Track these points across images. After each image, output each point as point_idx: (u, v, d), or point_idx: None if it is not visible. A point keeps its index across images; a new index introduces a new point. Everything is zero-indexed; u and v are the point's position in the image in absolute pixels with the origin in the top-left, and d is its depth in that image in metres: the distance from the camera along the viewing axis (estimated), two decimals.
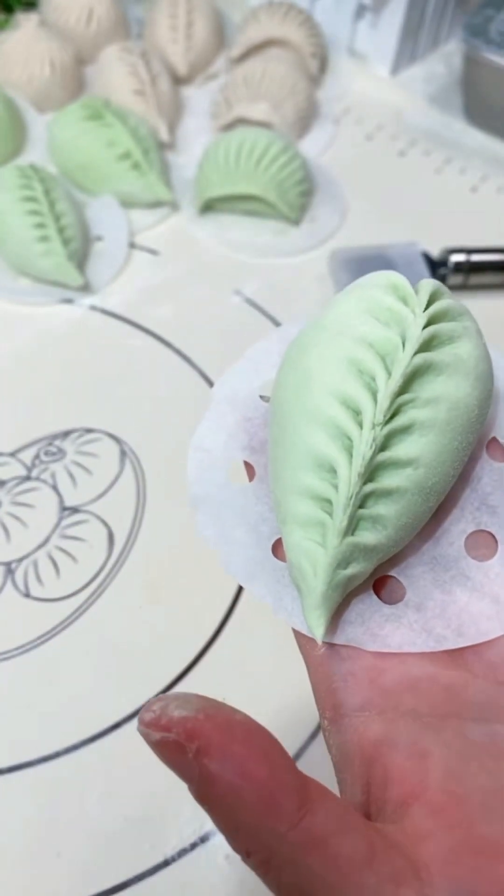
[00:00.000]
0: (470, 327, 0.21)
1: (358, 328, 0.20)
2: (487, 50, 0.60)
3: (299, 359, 0.20)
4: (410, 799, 0.16)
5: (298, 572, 0.19)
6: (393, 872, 0.15)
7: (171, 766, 0.16)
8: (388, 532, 0.19)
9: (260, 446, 0.22)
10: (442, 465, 0.19)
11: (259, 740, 0.16)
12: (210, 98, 0.65)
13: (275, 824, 0.15)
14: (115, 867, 0.33)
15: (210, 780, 0.15)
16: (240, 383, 0.23)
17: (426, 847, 0.16)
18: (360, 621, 0.20)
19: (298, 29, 0.64)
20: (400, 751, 0.17)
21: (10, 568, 0.41)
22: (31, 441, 0.45)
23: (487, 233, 0.58)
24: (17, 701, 0.37)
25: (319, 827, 0.15)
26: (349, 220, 0.58)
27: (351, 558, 0.19)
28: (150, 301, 0.52)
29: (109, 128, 0.55)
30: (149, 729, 0.16)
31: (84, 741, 0.36)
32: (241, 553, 0.21)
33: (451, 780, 0.17)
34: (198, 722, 0.15)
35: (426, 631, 0.20)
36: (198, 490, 0.22)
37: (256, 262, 0.55)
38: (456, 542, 0.21)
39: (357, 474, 0.19)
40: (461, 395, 0.20)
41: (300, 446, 0.20)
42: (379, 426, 0.19)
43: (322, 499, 0.19)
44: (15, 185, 0.50)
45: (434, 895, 0.15)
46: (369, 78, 0.70)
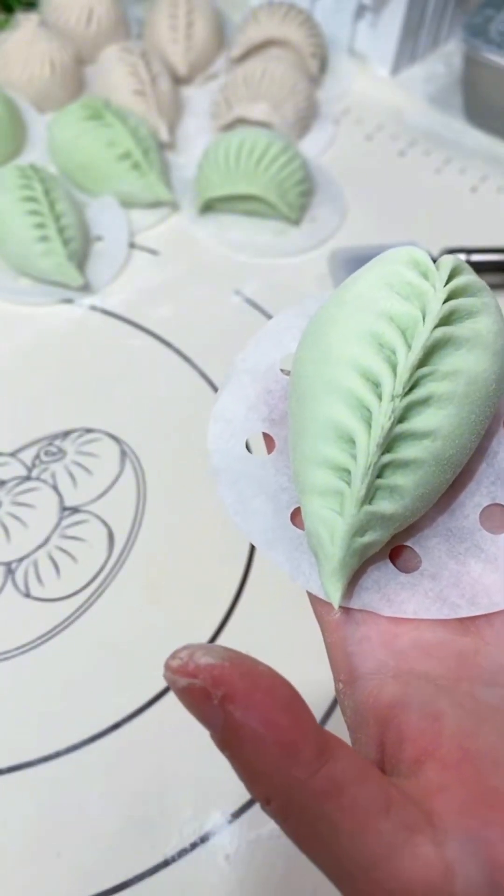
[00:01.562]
0: (489, 303, 0.21)
1: (378, 302, 0.20)
2: (487, 50, 0.60)
3: (320, 332, 0.21)
4: (424, 756, 0.17)
5: (316, 540, 0.20)
6: (408, 821, 0.16)
7: (196, 712, 0.16)
8: (404, 502, 0.20)
9: (280, 418, 0.23)
10: (459, 437, 0.20)
11: (282, 690, 0.16)
12: (210, 98, 0.65)
13: (295, 771, 0.15)
14: (115, 867, 0.33)
15: (234, 727, 0.16)
16: (261, 356, 0.23)
17: (440, 799, 0.16)
18: (376, 588, 0.21)
19: (298, 29, 0.64)
20: (414, 711, 0.18)
21: (11, 568, 0.41)
22: (31, 441, 0.45)
23: (487, 233, 0.58)
24: (17, 701, 0.37)
25: (338, 775, 0.16)
26: (349, 220, 0.58)
27: (368, 526, 0.19)
28: (150, 301, 0.52)
29: (109, 128, 0.55)
30: (176, 675, 0.16)
31: (84, 741, 0.36)
32: (260, 522, 0.22)
33: (464, 739, 0.17)
34: (224, 669, 0.16)
35: (440, 599, 0.20)
36: (218, 460, 0.22)
37: (256, 262, 0.55)
38: (471, 514, 0.21)
39: (376, 444, 0.19)
40: (480, 370, 0.20)
41: (320, 417, 0.20)
42: (398, 398, 0.19)
43: (341, 468, 0.20)
44: (15, 185, 0.50)
45: (447, 842, 0.15)
46: (369, 78, 0.70)
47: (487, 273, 0.53)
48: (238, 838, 0.33)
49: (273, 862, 0.33)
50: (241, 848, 0.33)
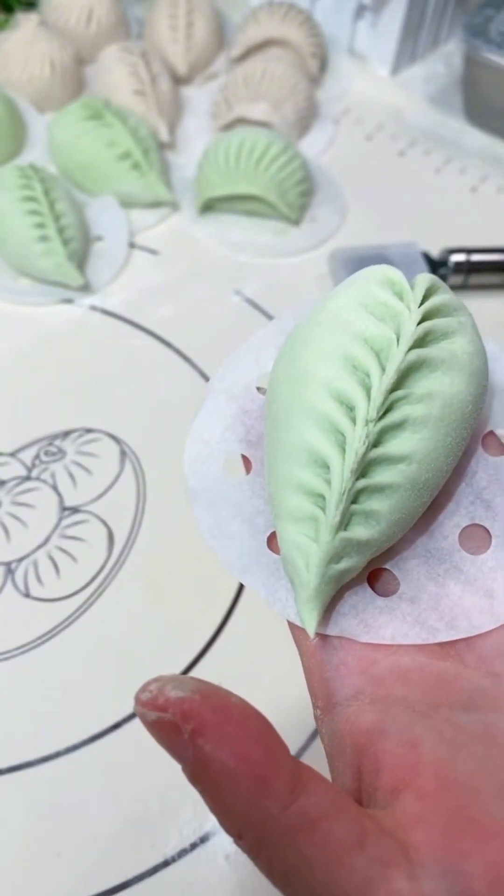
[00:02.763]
0: (465, 322, 0.21)
1: (353, 324, 0.20)
2: (487, 50, 0.60)
3: (295, 354, 0.21)
4: (401, 786, 0.17)
5: (292, 567, 0.20)
6: (383, 855, 0.15)
7: (166, 746, 0.16)
8: (380, 527, 0.19)
9: (257, 439, 0.22)
10: (435, 461, 0.20)
11: (254, 723, 0.16)
12: (210, 98, 0.65)
13: (267, 805, 0.15)
14: (115, 867, 0.33)
15: (204, 761, 0.15)
16: (237, 375, 0.23)
17: (416, 831, 0.16)
18: (353, 613, 0.20)
19: (298, 29, 0.64)
20: (391, 739, 0.17)
21: (10, 568, 0.41)
22: (31, 441, 0.45)
23: (487, 233, 0.58)
24: (17, 701, 0.37)
25: (311, 809, 0.15)
26: (349, 220, 0.58)
27: (343, 553, 0.19)
28: (150, 301, 0.52)
29: (109, 128, 0.55)
30: (145, 709, 0.16)
31: (84, 741, 0.36)
32: (237, 546, 0.21)
33: (442, 767, 0.17)
34: (194, 703, 0.16)
35: (419, 623, 0.20)
36: (194, 482, 0.22)
37: (256, 262, 0.55)
38: (450, 535, 0.21)
39: (350, 470, 0.19)
40: (455, 392, 0.20)
41: (294, 441, 0.20)
42: (372, 422, 0.19)
43: (315, 494, 0.19)
44: (15, 185, 0.50)
45: (424, 876, 0.15)
46: (369, 78, 0.70)
47: (487, 273, 0.53)
48: None
49: None
50: None
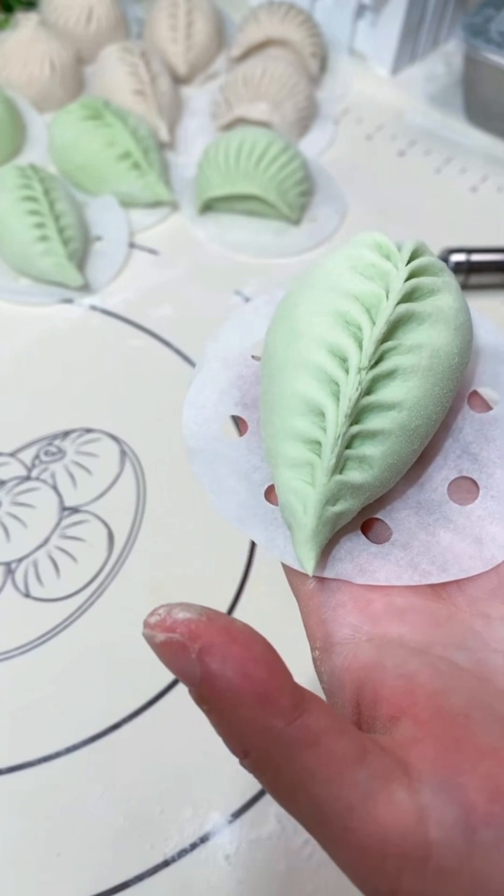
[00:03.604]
0: (449, 282, 0.22)
1: (344, 284, 0.21)
2: (487, 50, 0.60)
3: (288, 313, 0.22)
4: (399, 713, 0.17)
5: (289, 510, 0.20)
6: (383, 770, 0.16)
7: (174, 666, 0.16)
8: (374, 472, 0.20)
9: (252, 402, 0.23)
10: (425, 408, 0.21)
11: (258, 646, 0.16)
12: (210, 98, 0.65)
13: (272, 721, 0.16)
14: (115, 867, 0.33)
15: (211, 679, 0.16)
16: (231, 343, 0.24)
17: (414, 751, 0.17)
18: (349, 558, 0.21)
19: (298, 29, 0.64)
20: (388, 672, 0.18)
21: (10, 568, 0.41)
22: (31, 441, 0.45)
23: (487, 233, 0.58)
24: (17, 701, 0.37)
25: (314, 725, 0.16)
26: (349, 219, 0.58)
27: (339, 495, 0.20)
28: (150, 301, 0.52)
29: (109, 128, 0.55)
30: (154, 630, 0.17)
31: (84, 741, 0.36)
32: (234, 500, 0.22)
33: (437, 697, 0.18)
34: (201, 623, 0.16)
35: (412, 567, 0.21)
36: (193, 443, 0.23)
37: (256, 262, 0.55)
38: (439, 487, 0.22)
39: (344, 415, 0.20)
40: (442, 343, 0.21)
41: (290, 393, 0.21)
42: (364, 370, 0.20)
43: (311, 441, 0.20)
44: (15, 185, 0.50)
45: (422, 790, 0.16)
46: (369, 78, 0.70)
47: (487, 273, 0.53)
48: (238, 838, 0.33)
49: (273, 862, 0.33)
50: (241, 848, 0.33)
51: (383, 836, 0.16)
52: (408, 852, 0.15)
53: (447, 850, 0.15)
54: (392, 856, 0.15)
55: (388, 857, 0.16)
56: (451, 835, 0.16)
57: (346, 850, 0.16)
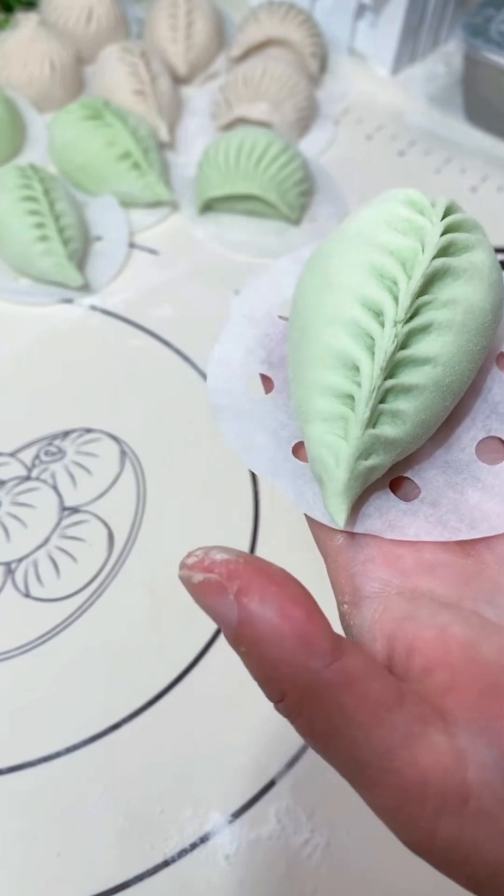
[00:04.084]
0: (483, 240, 0.22)
1: (378, 237, 0.21)
2: (487, 50, 0.60)
3: (320, 266, 0.21)
4: (433, 664, 0.17)
5: (321, 464, 0.20)
6: (421, 713, 0.16)
7: (211, 607, 0.16)
8: (406, 427, 0.20)
9: (278, 361, 0.23)
10: (458, 364, 0.20)
11: (296, 587, 0.16)
12: (210, 98, 0.65)
13: (311, 662, 0.16)
14: (115, 867, 0.33)
15: (249, 620, 0.16)
16: (258, 301, 0.24)
17: (450, 698, 0.17)
18: (378, 514, 0.21)
19: (298, 29, 0.64)
20: (421, 623, 0.18)
21: (10, 568, 0.41)
22: (31, 441, 0.45)
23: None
24: (17, 701, 0.37)
25: (352, 669, 0.16)
26: None
27: (372, 450, 0.20)
28: (150, 301, 0.52)
29: (109, 128, 0.55)
30: (192, 571, 0.17)
31: (84, 741, 0.36)
32: (263, 455, 0.22)
33: (471, 649, 0.18)
34: (239, 564, 0.16)
35: (441, 523, 0.21)
36: (218, 400, 0.23)
37: (256, 262, 0.55)
38: (468, 447, 0.22)
39: (380, 368, 0.19)
40: (476, 299, 0.20)
41: (323, 346, 0.20)
42: (400, 324, 0.20)
43: (345, 395, 0.20)
44: (15, 185, 0.50)
45: (459, 734, 0.16)
46: (369, 78, 0.70)
47: None
48: (238, 838, 0.33)
49: (273, 862, 0.33)
50: (241, 848, 0.33)
51: (423, 778, 0.16)
52: (447, 794, 0.16)
53: (486, 793, 0.16)
54: (432, 797, 0.16)
55: (428, 798, 0.16)
56: (490, 777, 0.16)
57: (384, 793, 0.16)
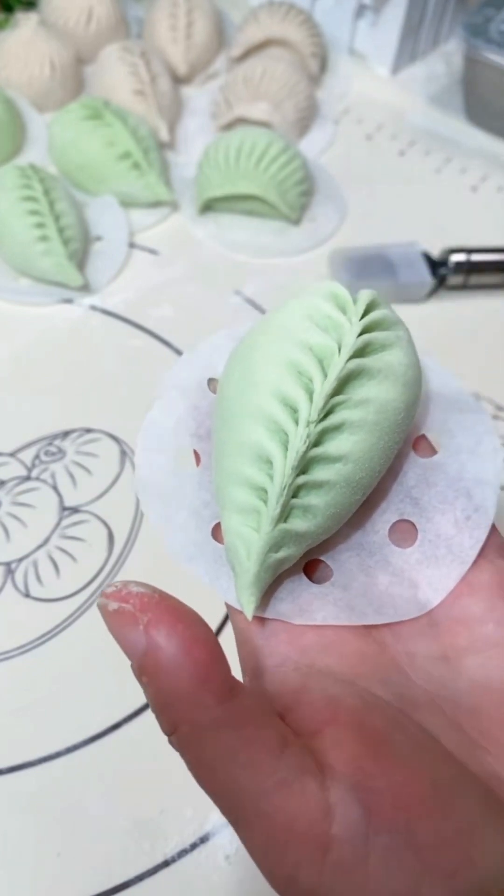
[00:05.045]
0: (402, 336, 0.22)
1: (299, 333, 0.21)
2: (487, 50, 0.60)
3: (244, 358, 0.22)
4: (322, 727, 0.18)
5: (234, 554, 0.21)
6: (300, 764, 0.17)
7: (121, 636, 0.18)
8: (317, 520, 0.21)
9: (206, 434, 0.24)
10: (369, 461, 0.21)
11: (202, 629, 0.18)
12: (210, 98, 0.65)
13: (204, 698, 0.17)
14: (115, 867, 0.33)
15: (154, 651, 0.17)
16: (190, 373, 0.25)
17: (333, 752, 0.18)
18: (290, 598, 0.22)
19: (298, 29, 0.64)
20: (313, 695, 0.19)
21: (10, 568, 0.41)
22: (31, 441, 0.45)
23: (487, 233, 0.58)
24: (17, 701, 0.37)
25: (242, 710, 0.17)
26: (349, 220, 0.58)
27: (282, 543, 0.21)
28: (150, 301, 0.52)
29: (109, 127, 0.55)
30: (109, 599, 0.18)
31: (84, 741, 0.36)
32: (182, 535, 0.23)
33: (359, 715, 0.19)
34: (153, 598, 0.18)
35: (349, 608, 0.22)
36: (144, 473, 0.23)
37: (256, 262, 0.55)
38: (381, 530, 0.23)
39: (291, 467, 0.20)
40: (390, 399, 0.21)
41: (241, 439, 0.21)
42: (313, 423, 0.20)
43: (259, 488, 0.21)
44: (15, 185, 0.50)
45: (333, 787, 0.17)
46: (369, 78, 0.70)
47: (487, 273, 0.53)
48: (238, 838, 0.33)
49: None
50: (241, 848, 0.33)
51: (289, 825, 0.16)
52: (309, 843, 0.16)
53: (346, 847, 0.16)
54: (295, 844, 0.16)
55: (291, 844, 0.16)
56: (352, 834, 0.16)
57: (254, 834, 0.17)
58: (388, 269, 0.52)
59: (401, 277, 0.52)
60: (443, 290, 0.54)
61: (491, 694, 0.20)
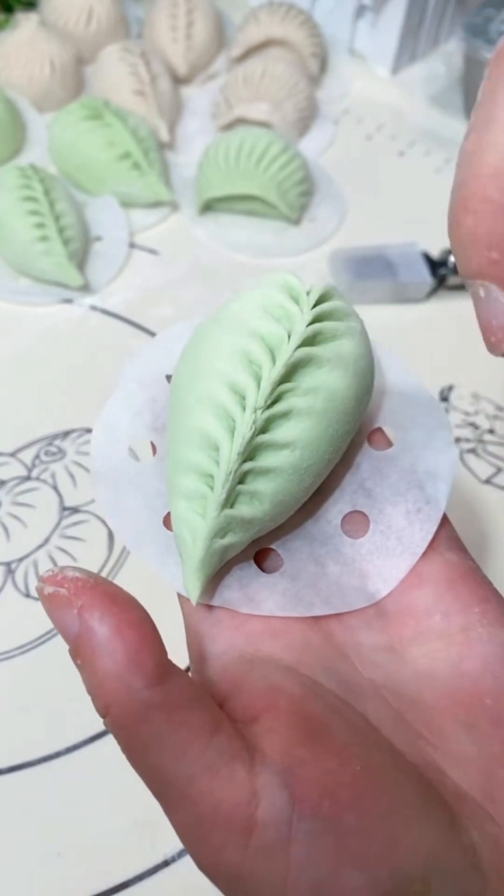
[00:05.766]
0: (354, 327, 0.22)
1: (250, 322, 0.22)
2: (487, 50, 0.60)
3: (196, 348, 0.22)
4: (259, 712, 0.19)
5: (180, 540, 0.21)
6: (230, 748, 0.17)
7: (56, 618, 0.18)
8: (264, 507, 0.21)
9: (163, 427, 0.24)
10: (317, 449, 0.21)
11: (136, 612, 0.18)
12: (210, 98, 0.65)
13: (134, 680, 0.17)
14: (115, 867, 0.33)
15: (87, 634, 0.17)
16: (148, 365, 0.25)
17: (266, 738, 0.18)
18: (237, 586, 0.22)
19: (298, 29, 0.64)
20: (254, 682, 0.20)
21: (11, 568, 0.41)
22: (31, 441, 0.45)
23: None
24: (17, 701, 0.37)
25: (174, 694, 0.17)
26: (349, 220, 0.58)
27: (228, 529, 0.21)
28: (150, 301, 0.52)
29: (109, 128, 0.55)
30: (45, 583, 0.18)
31: (84, 741, 0.36)
32: (133, 523, 0.23)
33: (297, 703, 0.19)
34: (87, 583, 0.18)
35: (297, 598, 0.22)
36: (100, 465, 0.23)
37: (256, 262, 0.55)
38: (333, 520, 0.23)
39: (237, 452, 0.20)
40: (339, 388, 0.21)
41: (190, 425, 0.21)
42: (260, 409, 0.21)
43: (206, 474, 0.21)
44: (15, 185, 0.50)
45: (262, 773, 0.17)
46: (369, 78, 0.70)
47: None
48: None
49: None
50: None
51: (215, 808, 0.17)
52: (233, 827, 0.17)
53: (269, 832, 0.17)
54: (220, 827, 0.17)
55: (217, 828, 0.17)
56: (276, 818, 0.17)
57: (181, 816, 0.17)
58: (388, 269, 0.52)
59: (401, 277, 0.52)
60: (443, 290, 0.54)
61: (435, 684, 0.20)
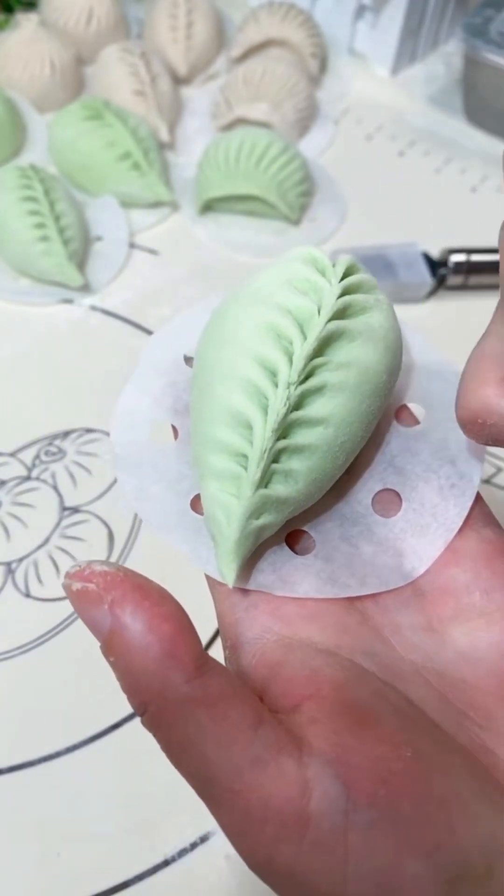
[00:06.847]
0: (382, 300, 0.22)
1: (277, 296, 0.21)
2: (487, 50, 0.60)
3: (221, 324, 0.22)
4: (302, 699, 0.18)
5: (213, 522, 0.20)
6: (276, 739, 0.17)
7: (86, 615, 0.17)
8: (298, 486, 0.20)
9: (184, 409, 0.23)
10: (351, 425, 0.21)
11: (169, 604, 0.17)
12: (210, 98, 0.65)
13: (172, 675, 0.16)
14: (115, 867, 0.33)
15: (120, 630, 0.17)
16: (166, 349, 0.24)
17: (312, 728, 0.17)
18: (271, 570, 0.21)
19: (298, 29, 0.64)
20: (294, 667, 0.19)
21: (11, 568, 0.41)
22: (31, 441, 0.45)
23: (487, 233, 0.58)
24: (17, 701, 0.37)
25: (213, 687, 0.17)
26: (349, 220, 0.58)
27: (263, 509, 0.20)
28: (150, 301, 0.52)
29: (109, 128, 0.55)
30: (72, 580, 0.18)
31: (84, 741, 0.36)
32: (159, 507, 0.22)
33: (341, 689, 0.18)
34: (117, 577, 0.17)
35: (332, 580, 0.21)
36: (121, 450, 0.23)
37: (256, 262, 0.55)
38: (364, 500, 0.22)
39: (271, 430, 0.20)
40: (371, 362, 0.21)
41: (219, 404, 0.20)
42: (293, 385, 0.20)
43: (238, 454, 0.20)
44: (15, 186, 0.50)
45: (311, 764, 0.16)
46: (369, 78, 0.70)
47: (487, 273, 0.53)
48: None
49: None
50: None
51: (266, 803, 0.16)
52: (287, 821, 0.16)
53: (324, 824, 0.16)
54: (272, 822, 0.16)
55: (269, 823, 0.16)
56: (331, 810, 0.16)
57: (229, 813, 0.17)
58: (387, 270, 0.52)
59: (400, 277, 0.52)
60: (443, 291, 0.54)
61: (477, 664, 0.20)
